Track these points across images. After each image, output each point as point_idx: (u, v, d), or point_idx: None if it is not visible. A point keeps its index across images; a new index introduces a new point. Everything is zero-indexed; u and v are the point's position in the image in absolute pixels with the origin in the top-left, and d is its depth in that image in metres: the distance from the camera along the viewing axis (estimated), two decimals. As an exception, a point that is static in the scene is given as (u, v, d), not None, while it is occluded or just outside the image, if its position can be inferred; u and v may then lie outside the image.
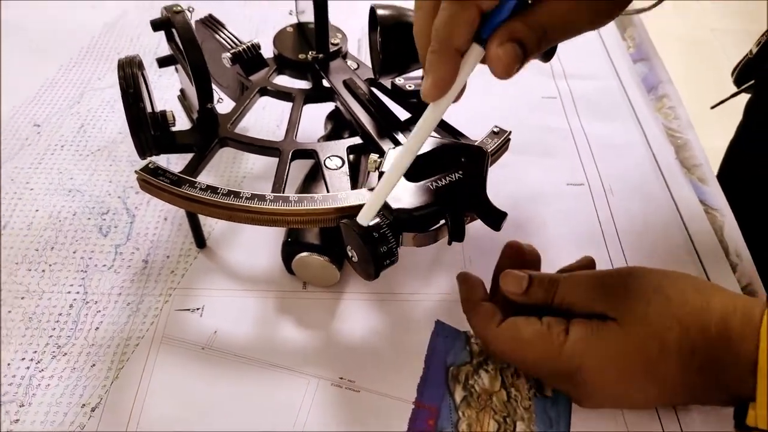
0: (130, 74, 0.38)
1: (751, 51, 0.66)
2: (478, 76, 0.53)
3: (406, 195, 0.40)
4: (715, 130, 0.79)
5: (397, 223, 0.39)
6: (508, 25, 0.32)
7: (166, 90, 0.63)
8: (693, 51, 2.14)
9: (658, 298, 0.37)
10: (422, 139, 0.36)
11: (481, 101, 0.60)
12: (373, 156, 0.43)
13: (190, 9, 0.43)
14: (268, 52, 0.52)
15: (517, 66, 0.32)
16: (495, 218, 0.41)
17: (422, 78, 0.50)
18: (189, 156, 0.45)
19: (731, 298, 0.37)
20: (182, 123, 0.47)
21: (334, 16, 0.50)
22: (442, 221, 0.40)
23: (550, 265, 0.46)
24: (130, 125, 0.39)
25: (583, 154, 0.58)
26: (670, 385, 0.37)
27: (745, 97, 0.69)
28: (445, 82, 0.33)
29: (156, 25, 0.43)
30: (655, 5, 0.51)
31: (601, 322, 0.37)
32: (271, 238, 0.49)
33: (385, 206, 0.39)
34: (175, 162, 0.55)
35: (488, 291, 0.44)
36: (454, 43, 0.32)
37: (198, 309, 0.45)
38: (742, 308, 0.36)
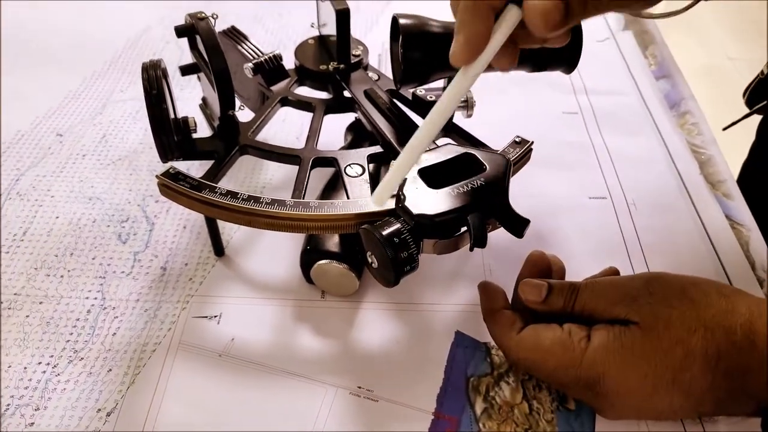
0: (154, 76, 0.38)
1: (762, 71, 0.65)
2: (499, 93, 0.53)
3: (427, 201, 0.39)
4: (733, 153, 0.79)
5: (418, 228, 0.38)
6: None
7: (188, 102, 0.63)
8: (711, 79, 2.14)
9: (682, 301, 0.36)
10: (449, 110, 0.33)
11: (502, 117, 0.60)
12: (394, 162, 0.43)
13: (214, 16, 0.43)
14: (289, 63, 0.52)
15: (558, 19, 0.29)
16: (517, 225, 0.40)
17: (444, 88, 0.50)
18: (209, 165, 0.45)
19: (756, 302, 0.36)
20: (203, 132, 0.47)
21: (355, 31, 0.51)
22: (464, 228, 0.40)
23: (573, 277, 0.45)
24: (153, 126, 0.39)
25: (605, 168, 0.58)
26: (697, 393, 0.35)
27: (757, 119, 0.68)
28: (478, 41, 0.30)
29: (180, 31, 0.44)
30: (690, 6, 0.50)
31: (623, 327, 0.37)
32: (290, 247, 0.49)
33: (407, 212, 0.39)
34: (195, 171, 0.55)
35: (509, 300, 0.43)
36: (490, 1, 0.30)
37: (216, 316, 0.45)
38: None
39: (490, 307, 0.42)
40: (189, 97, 0.64)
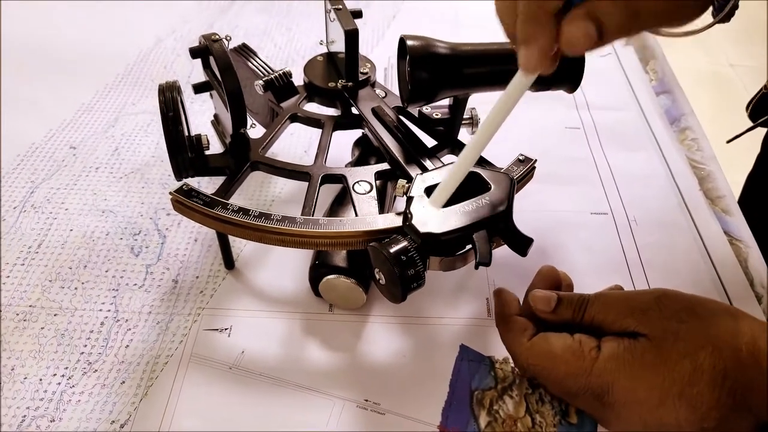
0: (171, 98, 0.39)
1: (766, 86, 0.67)
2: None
3: (434, 219, 0.40)
4: (735, 163, 0.80)
5: (424, 246, 0.40)
6: (592, 2, 0.30)
7: (198, 115, 0.65)
8: (713, 86, 2.15)
9: (691, 317, 0.38)
10: (510, 108, 0.36)
11: (507, 132, 0.61)
12: (402, 181, 0.44)
13: (228, 38, 0.44)
14: (298, 79, 0.53)
15: (587, 47, 0.30)
16: (521, 244, 0.41)
17: (449, 106, 0.51)
18: (220, 180, 0.47)
19: (759, 322, 0.38)
20: (215, 148, 0.49)
21: (361, 45, 0.52)
22: (469, 246, 0.41)
23: (576, 290, 0.46)
24: (169, 147, 0.41)
25: (606, 184, 0.59)
26: (703, 408, 0.36)
27: (761, 131, 0.70)
28: (548, 49, 0.32)
29: (194, 52, 0.45)
30: (709, 26, 0.51)
31: (633, 339, 0.38)
32: (298, 260, 0.50)
33: (414, 230, 0.40)
34: (205, 186, 0.57)
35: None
36: (549, 9, 0.31)
37: (226, 329, 0.46)
38: None
39: (503, 313, 0.43)
40: (199, 110, 0.66)
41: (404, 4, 0.86)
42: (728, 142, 0.69)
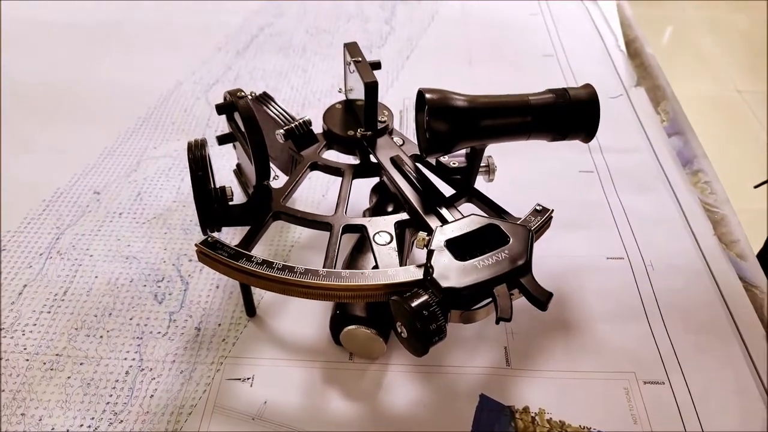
0: (200, 156, 0.41)
1: None
2: (518, 154, 0.55)
3: (454, 273, 0.41)
4: (750, 190, 0.80)
5: (446, 300, 0.40)
6: None
7: (218, 158, 0.66)
8: (721, 113, 2.15)
9: None
10: None
11: (521, 177, 0.62)
12: (422, 234, 0.45)
13: (253, 94, 0.46)
14: (316, 124, 0.54)
15: None
16: (541, 298, 0.42)
17: (466, 155, 0.53)
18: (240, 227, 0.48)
19: None
20: (237, 196, 0.50)
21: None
22: (489, 299, 0.42)
23: (593, 338, 0.46)
24: (197, 203, 0.42)
25: (621, 228, 0.60)
26: None
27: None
28: None
29: (220, 108, 0.46)
30: None
31: None
32: (318, 308, 0.51)
33: (435, 284, 0.41)
34: (226, 232, 0.57)
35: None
36: None
37: (248, 378, 0.47)
38: None
39: None
40: (219, 154, 0.67)
41: (418, 44, 0.88)
42: (756, 187, 0.70)
